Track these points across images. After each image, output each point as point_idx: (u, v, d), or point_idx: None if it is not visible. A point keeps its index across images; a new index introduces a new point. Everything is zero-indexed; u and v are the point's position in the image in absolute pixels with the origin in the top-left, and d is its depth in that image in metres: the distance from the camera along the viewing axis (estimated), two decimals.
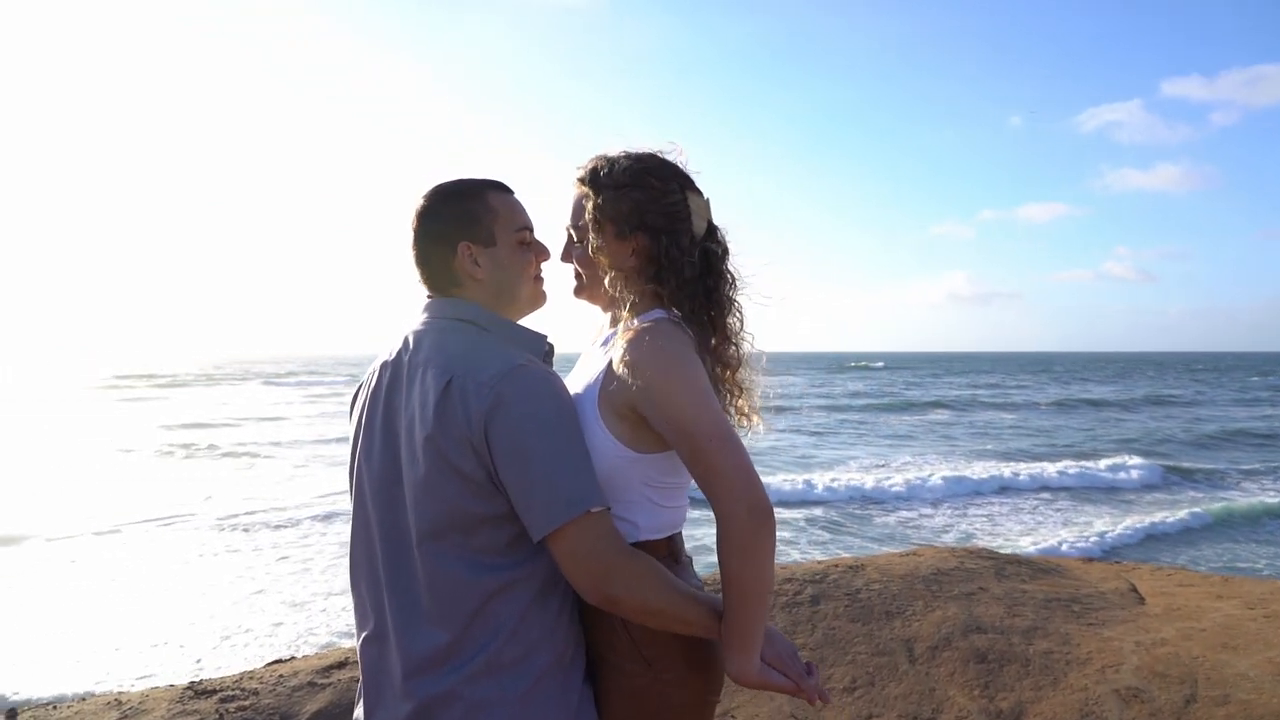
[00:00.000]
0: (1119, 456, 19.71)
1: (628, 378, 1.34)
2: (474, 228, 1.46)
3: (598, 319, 1.64)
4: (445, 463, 1.31)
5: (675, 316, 1.46)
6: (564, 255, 1.57)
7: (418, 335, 1.45)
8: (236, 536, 11.35)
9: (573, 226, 1.54)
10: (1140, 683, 3.31)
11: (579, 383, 1.48)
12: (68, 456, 18.95)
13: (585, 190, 1.48)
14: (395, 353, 1.46)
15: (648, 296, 1.47)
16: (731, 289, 1.51)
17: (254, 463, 18.96)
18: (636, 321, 1.44)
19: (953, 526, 13.22)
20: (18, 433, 23.40)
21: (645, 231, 1.45)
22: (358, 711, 1.45)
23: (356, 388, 1.55)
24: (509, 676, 1.33)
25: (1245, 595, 4.40)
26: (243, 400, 39.17)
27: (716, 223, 1.54)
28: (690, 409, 1.30)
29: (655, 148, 1.51)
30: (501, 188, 1.52)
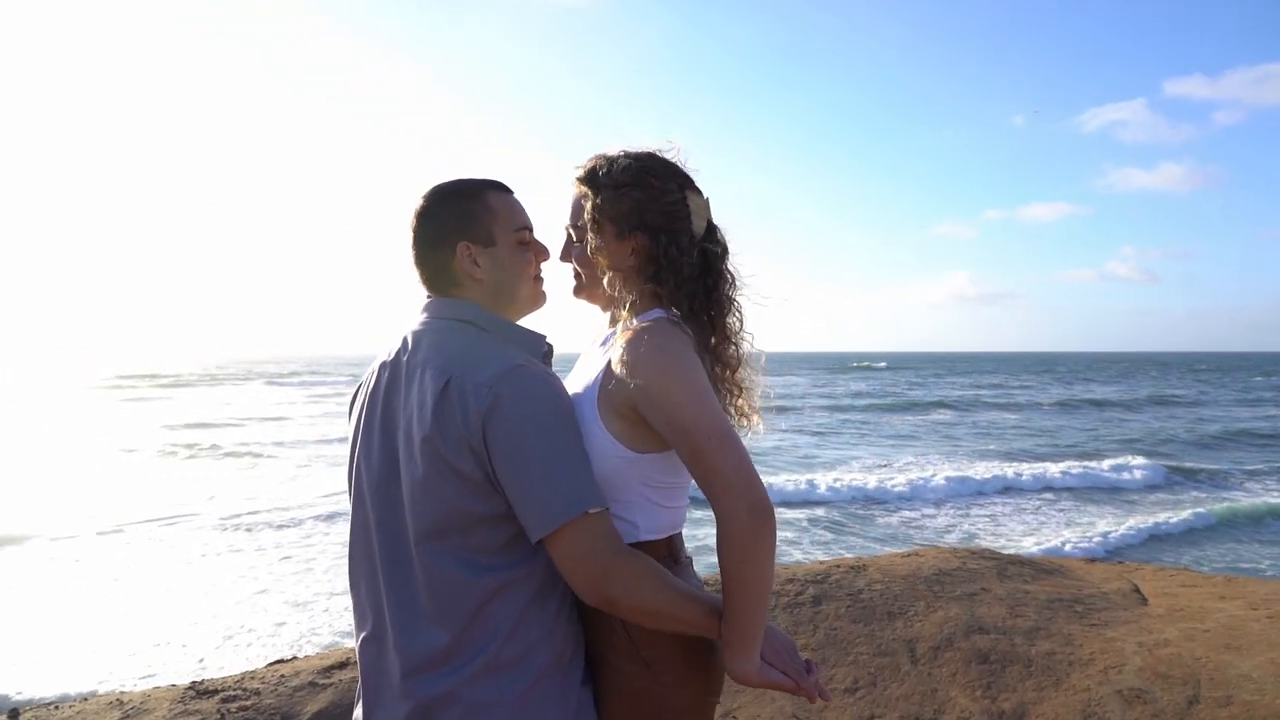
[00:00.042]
0: (1122, 457, 19.70)
1: (627, 377, 1.34)
2: (473, 228, 1.46)
3: (597, 319, 1.64)
4: (443, 463, 1.31)
5: (674, 316, 1.45)
6: (563, 255, 1.57)
7: (416, 335, 1.44)
8: (239, 536, 11.37)
9: (572, 226, 1.54)
10: (1143, 684, 3.30)
11: (578, 383, 1.48)
12: (71, 456, 18.99)
13: (584, 190, 1.48)
14: (394, 353, 1.46)
15: (647, 296, 1.46)
16: (731, 288, 1.51)
17: (257, 462, 18.99)
18: (635, 321, 1.43)
19: (955, 527, 13.21)
20: (22, 432, 23.46)
21: (644, 231, 1.44)
22: (357, 712, 1.45)
23: (356, 388, 1.54)
24: (507, 677, 1.33)
25: (1249, 596, 4.39)
26: (245, 400, 39.23)
27: (716, 222, 1.54)
28: (689, 408, 1.29)
29: (654, 147, 1.50)
30: (501, 188, 1.52)
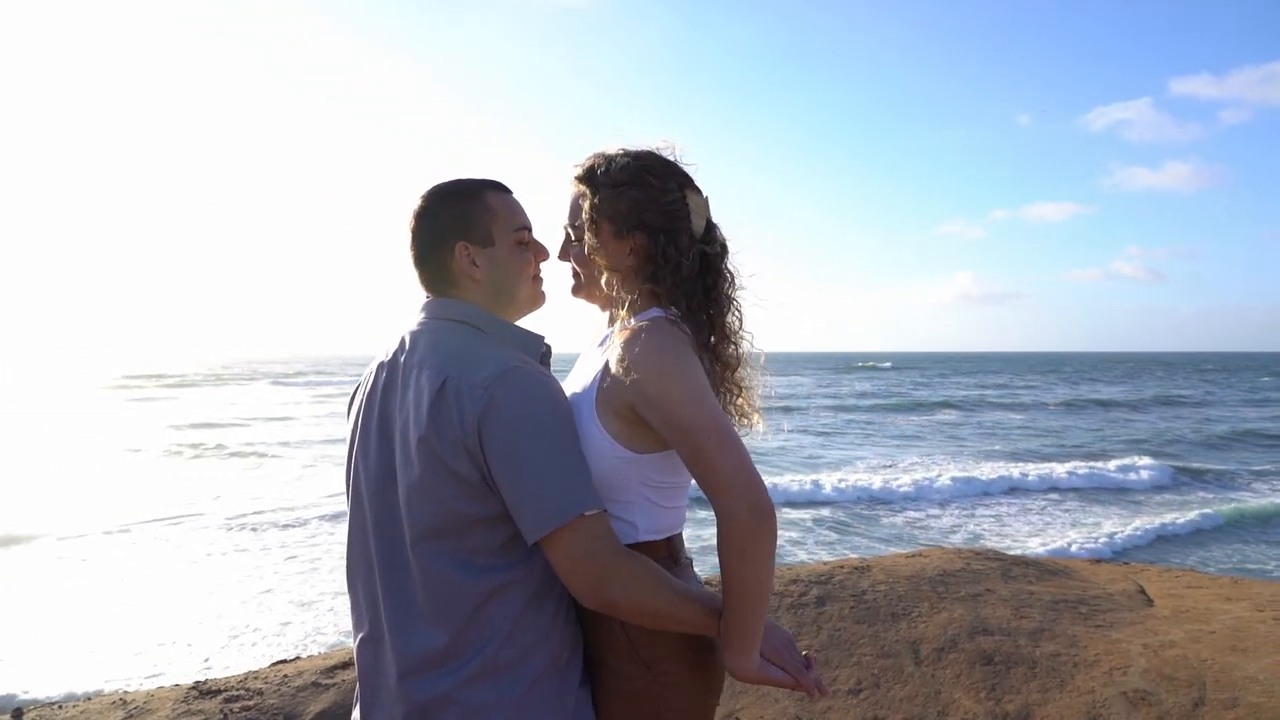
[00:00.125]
0: (1129, 457, 19.64)
1: (624, 377, 1.33)
2: (471, 228, 1.46)
3: (596, 319, 1.63)
4: (440, 464, 1.30)
5: (673, 315, 1.44)
6: (561, 254, 1.56)
7: (414, 336, 1.44)
8: (244, 536, 11.41)
9: (570, 225, 1.53)
10: (1148, 685, 3.29)
11: (577, 383, 1.47)
12: (77, 456, 19.06)
13: (582, 189, 1.47)
14: (391, 353, 1.45)
15: (645, 295, 1.46)
16: (730, 287, 1.50)
17: (262, 462, 19.04)
18: (633, 321, 1.43)
19: (960, 527, 13.18)
20: (29, 432, 23.55)
21: (643, 230, 1.44)
22: (355, 713, 1.44)
23: (354, 388, 1.54)
24: (505, 680, 1.32)
25: (1255, 597, 4.36)
26: (251, 400, 39.34)
27: (716, 221, 1.53)
28: (688, 407, 1.28)
29: (653, 146, 1.50)
30: (499, 188, 1.51)
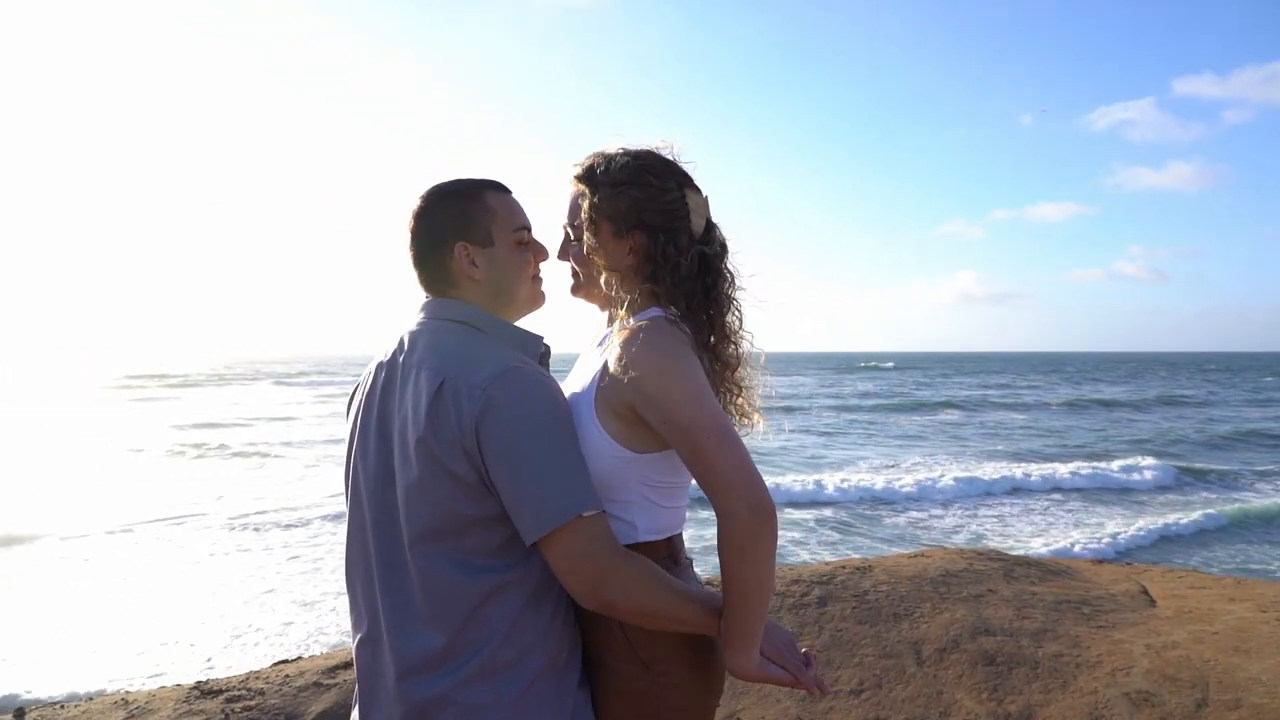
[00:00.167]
0: (1132, 457, 19.61)
1: (623, 376, 1.33)
2: (471, 228, 1.45)
3: (596, 319, 1.63)
4: (438, 465, 1.30)
5: (672, 314, 1.44)
6: (560, 253, 1.56)
7: (413, 336, 1.44)
8: (247, 536, 11.42)
9: (569, 224, 1.53)
10: (1151, 686, 3.28)
11: (576, 383, 1.47)
12: (80, 456, 19.09)
13: (582, 188, 1.47)
14: (391, 353, 1.45)
15: (645, 295, 1.45)
16: (730, 287, 1.50)
17: (265, 462, 19.05)
18: (632, 320, 1.42)
19: (963, 527, 13.16)
20: (32, 432, 23.60)
21: (643, 230, 1.43)
22: (354, 714, 1.44)
23: (353, 388, 1.54)
24: (502, 681, 1.32)
25: (1258, 598, 4.35)
26: (254, 400, 39.38)
27: (716, 221, 1.52)
28: (687, 406, 1.28)
29: (653, 145, 1.49)
30: (499, 188, 1.51)
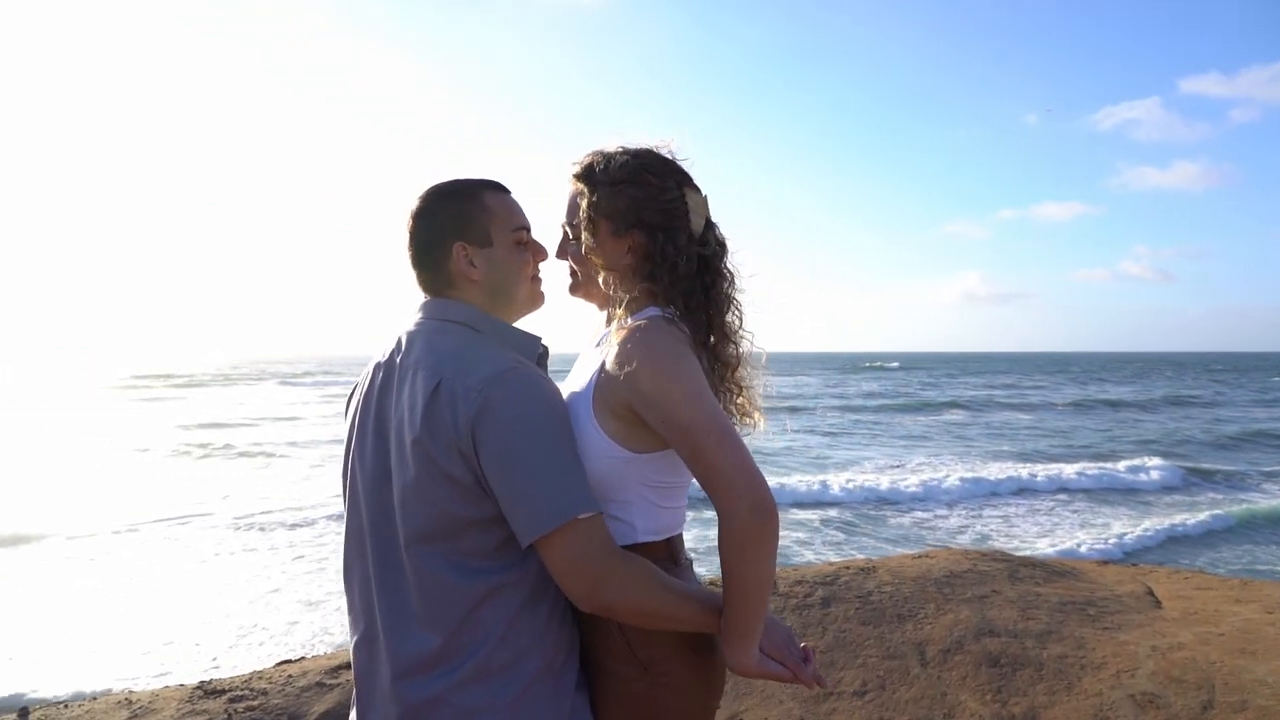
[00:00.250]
0: (1138, 458, 19.53)
1: (621, 376, 1.32)
2: (469, 228, 1.45)
3: (595, 319, 1.62)
4: (434, 466, 1.29)
5: (671, 314, 1.43)
6: (559, 252, 1.55)
7: (411, 336, 1.43)
8: (253, 535, 11.44)
9: (568, 223, 1.52)
10: (1156, 688, 3.26)
11: (575, 383, 1.46)
12: (87, 456, 19.15)
13: (580, 186, 1.46)
14: (388, 354, 1.45)
15: (643, 294, 1.45)
16: (730, 286, 1.49)
17: (270, 462, 19.10)
18: (631, 319, 1.42)
19: (968, 528, 13.12)
20: (38, 432, 23.69)
21: (641, 229, 1.43)
22: (352, 715, 1.44)
23: (352, 388, 1.54)
24: (498, 683, 1.32)
25: (1265, 599, 4.33)
26: (259, 400, 39.48)
27: (716, 220, 1.51)
28: (686, 406, 1.27)
29: (652, 143, 1.48)
30: (498, 188, 1.50)
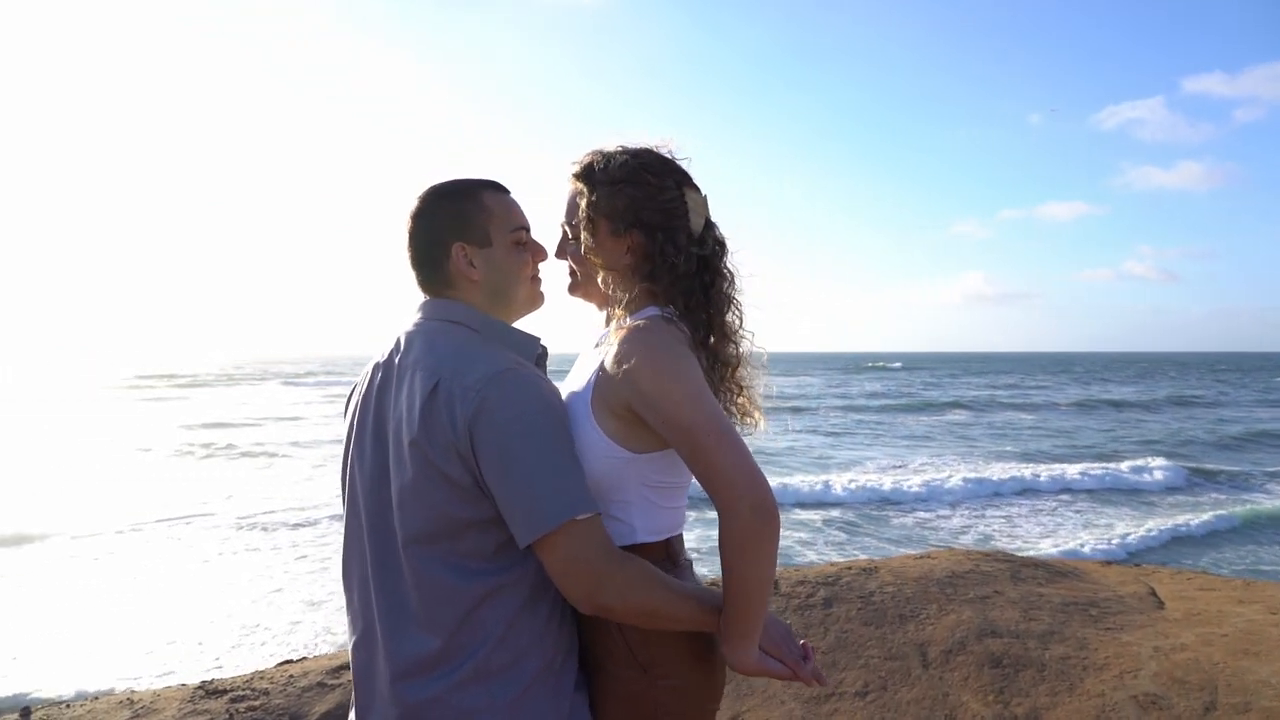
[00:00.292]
0: (1141, 458, 19.50)
1: (621, 376, 1.32)
2: (468, 228, 1.44)
3: (595, 319, 1.62)
4: (432, 467, 1.29)
5: (670, 314, 1.43)
6: (558, 252, 1.55)
7: (409, 336, 1.43)
8: (255, 535, 11.46)
9: (567, 223, 1.52)
10: (1159, 689, 3.25)
11: (574, 383, 1.46)
12: (90, 456, 19.19)
13: (579, 186, 1.46)
14: (387, 354, 1.44)
15: (642, 294, 1.44)
16: (730, 286, 1.48)
17: (273, 462, 19.12)
18: (630, 319, 1.41)
19: (971, 528, 13.11)
20: (42, 432, 23.74)
21: (641, 229, 1.42)
22: (351, 716, 1.44)
23: (351, 389, 1.53)
24: (497, 684, 1.31)
25: (1268, 600, 4.32)
26: (262, 400, 39.52)
27: (716, 220, 1.51)
28: (686, 405, 1.27)
29: (652, 143, 1.48)
30: (497, 188, 1.50)
